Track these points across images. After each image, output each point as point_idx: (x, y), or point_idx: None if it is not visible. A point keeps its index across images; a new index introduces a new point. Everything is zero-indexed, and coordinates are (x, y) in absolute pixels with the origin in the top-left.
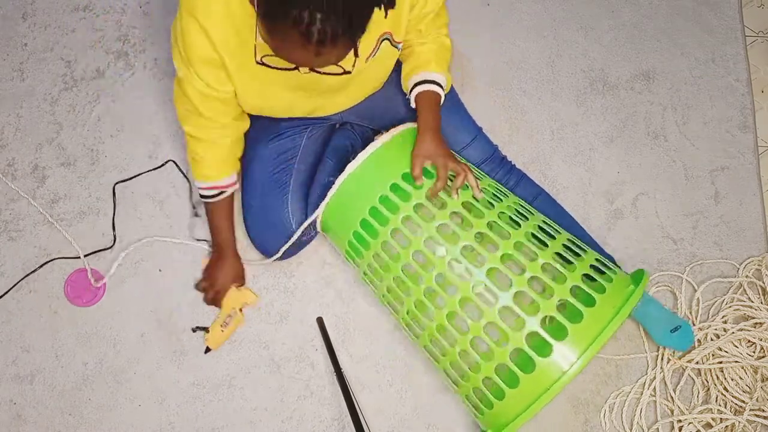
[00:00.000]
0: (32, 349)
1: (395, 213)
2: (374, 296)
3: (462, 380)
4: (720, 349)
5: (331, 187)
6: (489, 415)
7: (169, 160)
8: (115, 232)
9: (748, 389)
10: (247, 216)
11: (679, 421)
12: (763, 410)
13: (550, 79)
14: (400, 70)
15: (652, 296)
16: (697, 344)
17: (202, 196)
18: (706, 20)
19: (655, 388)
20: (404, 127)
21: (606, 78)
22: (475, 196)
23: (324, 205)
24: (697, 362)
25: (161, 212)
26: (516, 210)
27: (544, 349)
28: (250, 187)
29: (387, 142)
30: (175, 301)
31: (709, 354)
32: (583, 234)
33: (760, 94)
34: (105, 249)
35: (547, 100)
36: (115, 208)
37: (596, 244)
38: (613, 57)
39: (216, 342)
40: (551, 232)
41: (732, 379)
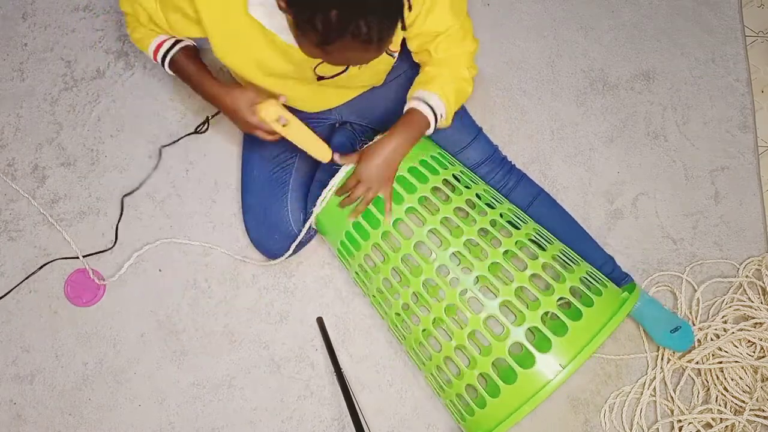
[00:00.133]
0: (32, 349)
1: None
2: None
3: (445, 386)
4: (720, 349)
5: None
6: (470, 422)
7: (207, 121)
8: (117, 235)
9: (748, 389)
10: (247, 216)
11: (679, 421)
12: (763, 410)
13: (550, 79)
14: (404, 72)
15: (652, 296)
16: (697, 344)
17: (163, 63)
18: (706, 20)
19: (655, 388)
20: None
21: (606, 78)
22: (386, 219)
23: (322, 204)
24: (697, 362)
25: (161, 212)
26: (508, 220)
27: (528, 360)
28: (250, 187)
29: None
30: (175, 301)
31: (709, 354)
32: (583, 234)
33: (760, 94)
34: (105, 250)
35: (547, 100)
36: (122, 216)
37: (596, 244)
38: (613, 57)
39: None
40: (542, 244)
41: (732, 379)
